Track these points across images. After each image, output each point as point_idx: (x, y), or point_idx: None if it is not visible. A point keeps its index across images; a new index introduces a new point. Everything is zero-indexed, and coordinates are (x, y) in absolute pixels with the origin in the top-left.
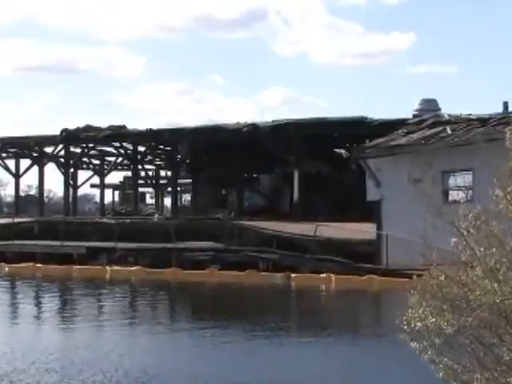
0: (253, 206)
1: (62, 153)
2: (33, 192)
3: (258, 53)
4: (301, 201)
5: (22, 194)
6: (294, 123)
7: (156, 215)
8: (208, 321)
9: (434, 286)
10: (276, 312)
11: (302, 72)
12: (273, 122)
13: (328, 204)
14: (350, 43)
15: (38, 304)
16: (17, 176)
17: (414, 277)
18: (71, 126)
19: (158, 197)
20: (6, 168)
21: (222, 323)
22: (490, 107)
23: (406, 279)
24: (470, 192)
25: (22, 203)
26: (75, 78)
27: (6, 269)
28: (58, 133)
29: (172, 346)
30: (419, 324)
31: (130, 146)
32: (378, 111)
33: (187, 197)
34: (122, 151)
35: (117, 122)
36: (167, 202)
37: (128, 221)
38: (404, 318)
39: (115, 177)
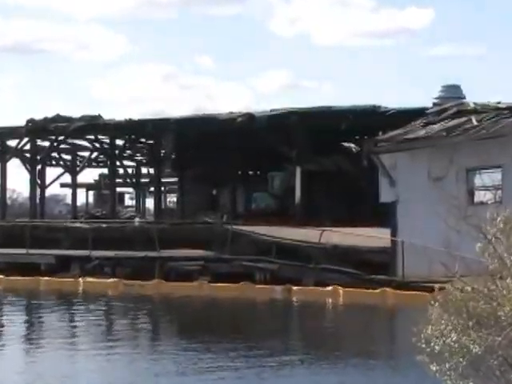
0: (262, 208)
1: (28, 147)
2: None
3: (253, 32)
4: (303, 202)
5: None
6: (295, 113)
7: (136, 219)
8: (195, 343)
9: (458, 300)
10: (276, 332)
11: (303, 54)
12: (271, 111)
13: (335, 206)
14: (359, 21)
15: None
16: None
17: (436, 288)
18: (38, 116)
19: (139, 198)
20: None
21: (211, 346)
22: None
23: (425, 293)
24: (499, 192)
25: None
26: (40, 60)
27: None
28: (22, 124)
29: (151, 373)
30: (440, 343)
31: (106, 140)
32: (393, 99)
33: (172, 198)
34: (97, 145)
35: (91, 111)
36: (149, 203)
37: (104, 225)
38: (422, 335)
39: (89, 175)
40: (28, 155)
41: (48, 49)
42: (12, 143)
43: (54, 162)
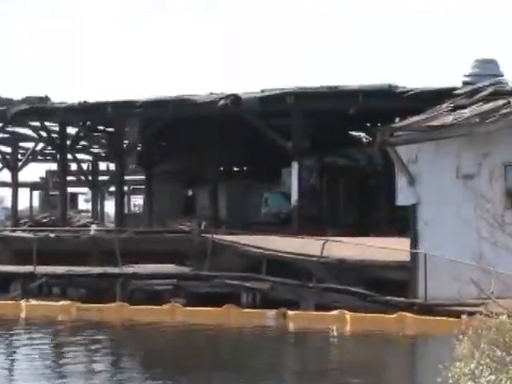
0: (275, 212)
1: None
2: None
3: None
4: (302, 206)
5: None
6: (292, 93)
7: (93, 226)
8: None
9: (493, 329)
10: (267, 371)
11: None
12: (262, 91)
13: (341, 210)
14: None
15: None
16: None
17: (464, 316)
18: None
19: (96, 200)
20: None
21: None
22: None
23: (453, 318)
24: None
25: None
26: None
27: None
28: None
29: None
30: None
31: (55, 127)
32: (413, 77)
33: (138, 200)
34: (44, 134)
35: (36, 91)
36: (109, 207)
37: (52, 235)
38: (450, 374)
39: (34, 171)
40: None
41: None
42: None
43: None
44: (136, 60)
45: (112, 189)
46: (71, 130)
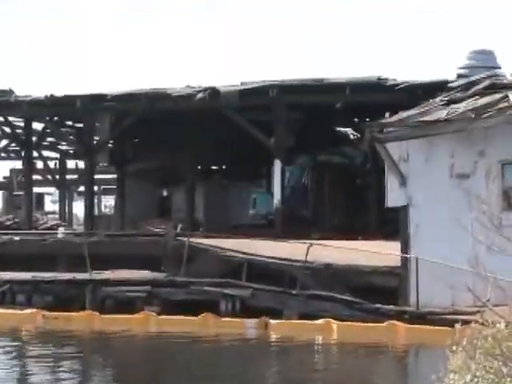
0: (263, 214)
1: None
2: None
3: None
4: (285, 207)
5: None
6: (275, 86)
7: (61, 229)
8: None
9: (490, 339)
10: None
11: None
12: (242, 84)
13: (327, 212)
14: None
15: None
16: None
17: (458, 325)
18: None
19: (64, 201)
20: None
21: None
22: None
23: (446, 327)
24: None
25: None
26: None
27: None
28: None
29: None
30: None
31: (20, 123)
32: (404, 69)
33: (110, 201)
34: (8, 130)
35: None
36: (78, 208)
37: (17, 238)
38: None
39: None
40: None
41: None
42: None
43: None
44: (136, 59)
45: (81, 189)
46: (37, 126)
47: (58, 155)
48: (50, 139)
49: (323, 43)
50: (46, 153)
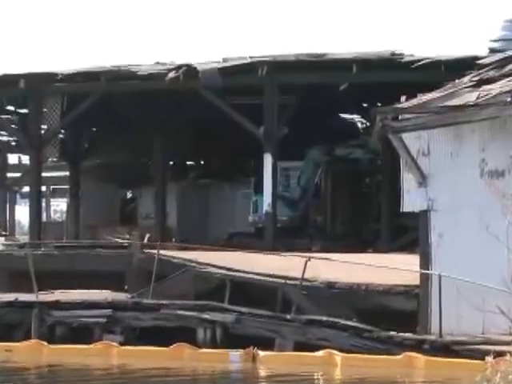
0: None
1: None
2: None
3: None
4: (304, 213)
5: None
6: (265, 63)
7: (0, 240)
8: None
9: None
10: None
11: None
12: (225, 60)
13: (329, 218)
14: None
15: None
16: None
17: (489, 357)
18: None
19: (5, 204)
20: None
21: None
22: None
23: (475, 361)
24: None
25: None
26: None
27: None
28: None
29: None
30: None
31: None
32: (423, 43)
33: (61, 205)
34: None
35: None
36: (22, 213)
37: None
38: None
39: None
40: None
41: None
42: None
43: None
44: (95, 33)
45: (26, 189)
46: None
47: None
48: None
49: (324, 13)
50: None
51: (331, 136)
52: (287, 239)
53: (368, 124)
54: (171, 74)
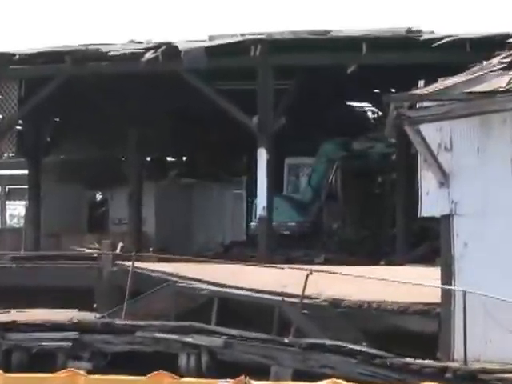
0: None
1: None
2: None
3: None
4: (315, 220)
5: None
6: (258, 42)
7: None
8: None
9: None
10: None
11: None
12: (211, 39)
13: (334, 223)
14: None
15: None
16: None
17: None
18: None
19: None
20: None
21: None
22: None
23: None
24: None
25: None
26: None
27: None
28: None
29: None
30: None
31: None
32: (445, 18)
33: (18, 208)
34: None
35: None
36: None
37: None
38: None
39: None
40: None
41: None
42: None
43: None
44: (59, 10)
45: None
46: None
47: None
48: None
49: None
50: None
51: (339, 128)
52: (293, 248)
53: (380, 113)
54: (148, 55)
